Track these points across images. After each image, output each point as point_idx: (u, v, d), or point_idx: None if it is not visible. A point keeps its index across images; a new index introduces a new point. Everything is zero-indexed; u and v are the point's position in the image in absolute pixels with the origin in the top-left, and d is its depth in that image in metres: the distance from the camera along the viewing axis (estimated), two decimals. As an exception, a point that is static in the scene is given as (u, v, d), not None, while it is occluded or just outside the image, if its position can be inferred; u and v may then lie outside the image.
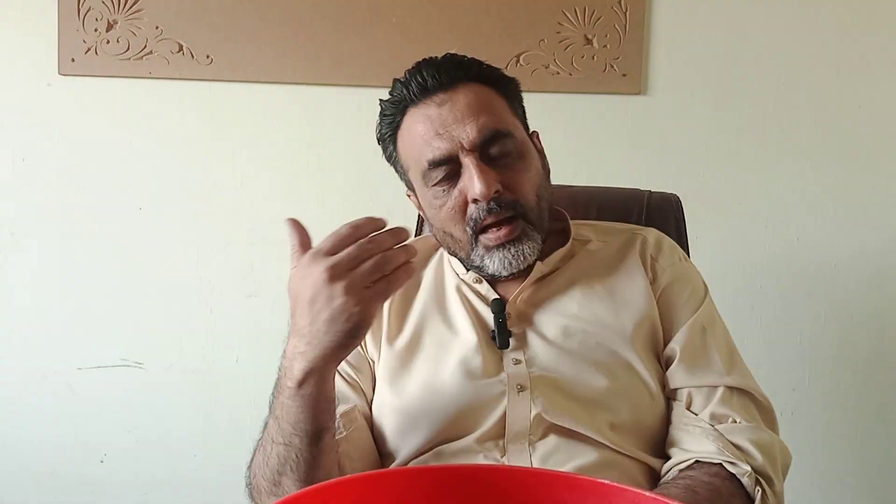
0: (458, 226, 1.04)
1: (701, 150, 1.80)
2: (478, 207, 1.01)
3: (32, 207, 1.84)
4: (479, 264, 1.05)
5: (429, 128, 1.02)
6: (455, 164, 1.02)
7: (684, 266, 1.11)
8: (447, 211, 1.04)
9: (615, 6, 1.77)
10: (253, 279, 1.83)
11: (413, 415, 1.00)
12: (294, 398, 0.87)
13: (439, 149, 1.01)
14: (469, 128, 1.00)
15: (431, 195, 1.05)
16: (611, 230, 1.16)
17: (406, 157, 1.08)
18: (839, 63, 1.78)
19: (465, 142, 1.00)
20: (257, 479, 0.93)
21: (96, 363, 1.86)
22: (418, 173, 1.05)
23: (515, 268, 1.03)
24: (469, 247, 1.04)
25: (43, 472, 1.87)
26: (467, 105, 1.02)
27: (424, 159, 1.02)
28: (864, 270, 1.81)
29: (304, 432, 0.87)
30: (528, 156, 1.06)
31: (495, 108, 1.04)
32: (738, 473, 0.92)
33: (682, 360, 1.01)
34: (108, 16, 1.78)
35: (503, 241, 1.02)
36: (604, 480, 0.62)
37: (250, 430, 0.99)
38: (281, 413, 0.89)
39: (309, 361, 0.85)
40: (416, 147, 1.04)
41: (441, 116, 1.02)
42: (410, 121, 1.05)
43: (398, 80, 1.07)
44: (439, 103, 1.02)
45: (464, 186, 1.01)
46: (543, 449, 0.96)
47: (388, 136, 1.09)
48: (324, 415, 0.88)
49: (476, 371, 1.00)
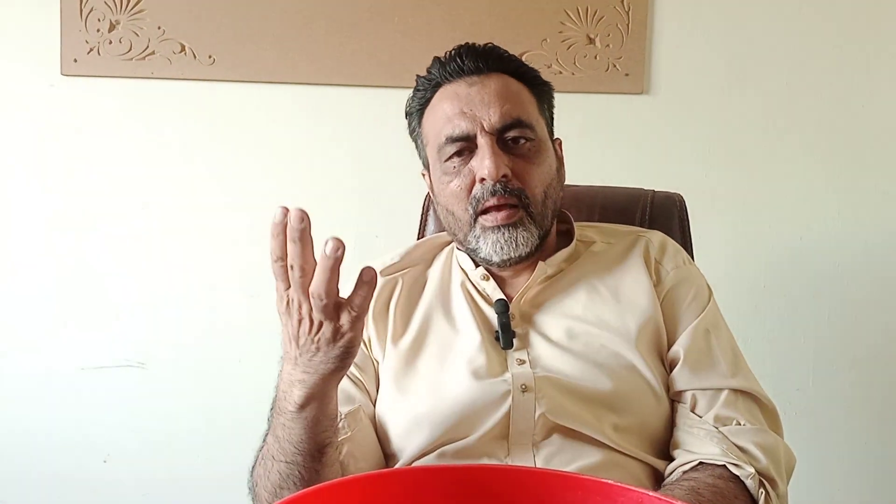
0: (460, 204, 1.05)
1: (704, 150, 1.80)
2: (483, 187, 1.02)
3: (35, 207, 1.84)
4: (473, 246, 1.06)
5: (455, 105, 1.04)
6: (471, 144, 1.03)
7: (688, 269, 1.11)
8: (454, 188, 1.05)
9: (618, 6, 1.77)
10: (255, 278, 1.83)
11: (417, 415, 1.00)
12: (296, 420, 0.85)
13: (459, 126, 1.03)
14: (493, 111, 1.03)
15: (442, 170, 1.06)
16: (615, 232, 1.16)
17: (428, 131, 1.10)
18: (842, 61, 1.78)
19: (486, 123, 1.02)
20: (259, 489, 0.93)
21: (98, 363, 1.86)
22: (435, 147, 1.07)
23: (507, 254, 1.03)
24: (468, 227, 1.05)
25: (45, 472, 1.87)
26: (496, 90, 1.04)
27: (444, 134, 1.04)
28: (868, 270, 1.81)
29: (307, 451, 0.87)
30: (545, 152, 1.07)
31: (523, 101, 1.06)
32: (742, 475, 0.92)
33: (687, 363, 1.01)
34: (110, 16, 1.78)
35: (499, 223, 1.03)
36: (607, 480, 0.62)
37: (253, 429, 0.99)
38: (282, 433, 0.87)
39: (309, 387, 0.83)
40: (438, 122, 1.06)
41: (469, 96, 1.04)
42: (440, 97, 1.07)
43: (437, 58, 1.08)
44: (470, 84, 1.05)
45: (474, 166, 1.03)
46: (547, 449, 0.95)
47: (416, 111, 1.12)
48: (326, 432, 0.87)
49: (480, 371, 1.00)
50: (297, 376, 0.83)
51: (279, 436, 0.87)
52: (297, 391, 0.83)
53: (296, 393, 0.84)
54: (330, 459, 0.89)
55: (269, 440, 0.90)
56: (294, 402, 0.84)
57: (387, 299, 1.10)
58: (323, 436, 0.87)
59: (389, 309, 1.09)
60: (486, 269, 1.09)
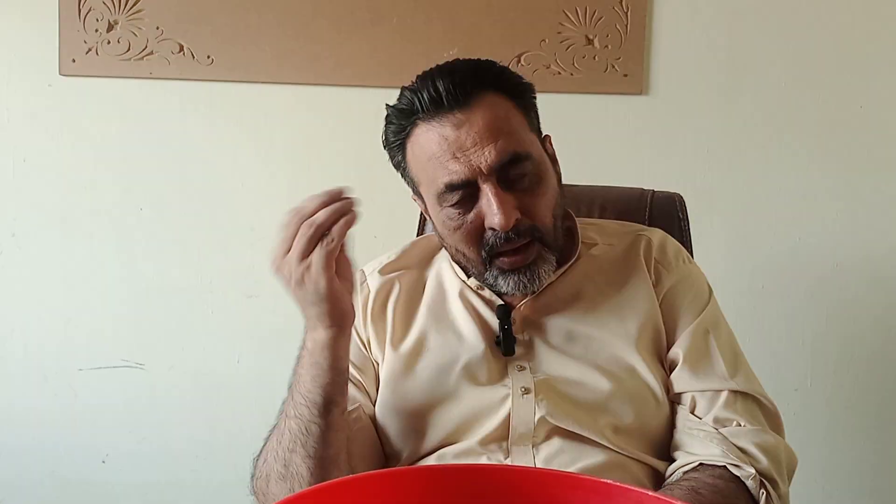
0: (472, 248, 1.01)
1: (703, 151, 1.80)
2: (495, 235, 0.98)
3: (33, 208, 1.84)
4: (492, 283, 1.03)
5: (445, 149, 0.97)
6: (472, 188, 0.98)
7: (688, 268, 1.10)
8: (462, 233, 1.00)
9: (616, 6, 1.77)
10: (253, 279, 1.83)
11: (416, 419, 1.00)
12: (306, 367, 0.92)
13: (456, 172, 0.97)
14: (487, 151, 0.96)
15: (445, 215, 1.01)
16: (616, 231, 1.15)
17: (417, 171, 1.03)
18: (841, 62, 1.78)
19: (484, 166, 0.96)
20: (268, 465, 0.94)
21: (97, 364, 1.86)
22: (432, 193, 1.01)
23: (530, 290, 1.02)
24: (482, 267, 1.02)
25: (44, 473, 1.87)
26: (486, 126, 0.97)
27: (441, 181, 0.98)
28: (867, 270, 1.81)
29: (314, 403, 0.91)
30: (546, 176, 1.03)
31: (513, 127, 1.00)
32: (742, 476, 0.91)
33: (686, 364, 1.01)
34: (108, 16, 1.78)
35: (518, 266, 1.00)
36: (607, 480, 0.62)
37: (252, 430, 0.99)
38: (295, 386, 0.94)
39: (316, 333, 0.92)
40: (430, 166, 1.00)
41: (458, 139, 0.96)
42: (423, 136, 0.99)
43: (407, 89, 1.01)
44: (456, 125, 0.97)
45: (480, 211, 0.98)
46: (547, 451, 0.95)
47: (396, 145, 1.04)
48: (332, 386, 0.91)
49: (481, 378, 1.00)
50: (309, 324, 0.94)
51: (292, 389, 0.94)
52: (308, 336, 0.94)
53: (308, 338, 0.94)
54: (336, 422, 0.92)
55: (285, 401, 0.96)
56: (307, 346, 0.94)
57: (384, 301, 1.10)
58: (329, 389, 0.91)
59: (387, 311, 1.09)
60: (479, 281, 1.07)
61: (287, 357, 0.99)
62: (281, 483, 0.92)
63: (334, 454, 0.91)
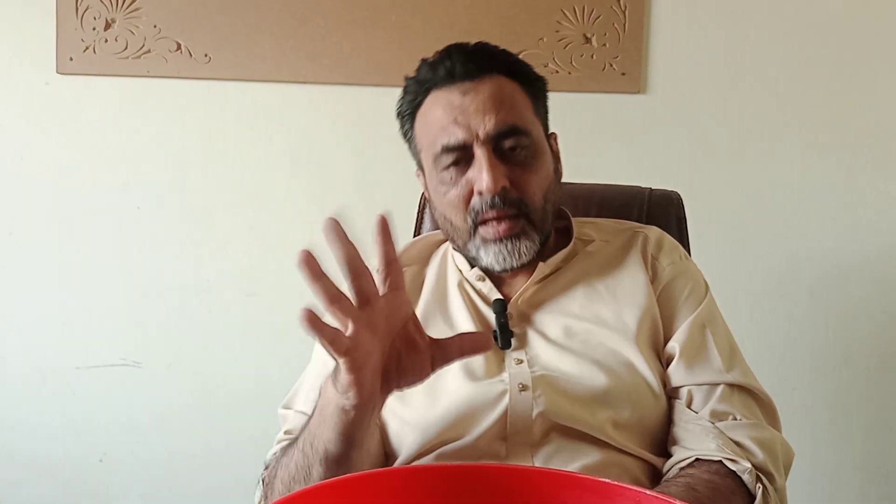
0: (459, 214, 1.04)
1: (701, 149, 1.80)
2: (482, 200, 1.01)
3: (31, 206, 1.83)
4: (473, 255, 1.05)
5: (448, 114, 1.02)
6: (467, 153, 1.02)
7: (685, 264, 1.11)
8: (452, 198, 1.04)
9: (614, 5, 1.77)
10: (251, 278, 1.83)
11: (414, 416, 1.00)
12: (316, 410, 0.86)
13: (454, 135, 1.01)
14: (487, 119, 1.01)
15: (439, 180, 1.05)
16: (613, 228, 1.16)
17: (421, 137, 1.08)
18: (840, 60, 1.78)
19: (481, 132, 1.00)
20: (276, 483, 0.92)
21: (95, 363, 1.86)
22: (430, 156, 1.06)
23: (509, 264, 1.03)
24: (467, 236, 1.05)
25: (42, 471, 1.87)
26: (490, 97, 1.02)
27: (439, 143, 1.03)
28: (866, 269, 1.81)
29: (316, 449, 0.85)
30: (542, 157, 1.06)
31: (517, 105, 1.04)
32: (739, 471, 0.91)
33: (682, 358, 1.01)
34: (106, 14, 1.77)
35: (501, 236, 1.02)
36: (605, 479, 0.62)
37: (249, 428, 0.99)
38: (309, 418, 0.88)
39: (329, 390, 0.82)
40: (432, 131, 1.04)
41: (463, 105, 1.02)
42: (432, 103, 1.05)
43: (425, 61, 1.07)
44: (463, 92, 1.02)
45: (472, 177, 1.02)
46: (546, 449, 0.95)
47: (408, 114, 1.10)
48: (334, 446, 0.83)
49: (478, 371, 1.00)
50: (339, 386, 0.79)
51: (307, 419, 0.89)
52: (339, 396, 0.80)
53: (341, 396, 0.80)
54: (337, 476, 0.84)
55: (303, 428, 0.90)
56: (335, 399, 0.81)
57: None
58: (330, 447, 0.83)
59: None
60: (481, 271, 1.09)
61: (285, 357, 0.99)
62: None
63: None
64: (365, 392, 0.77)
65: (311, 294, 0.72)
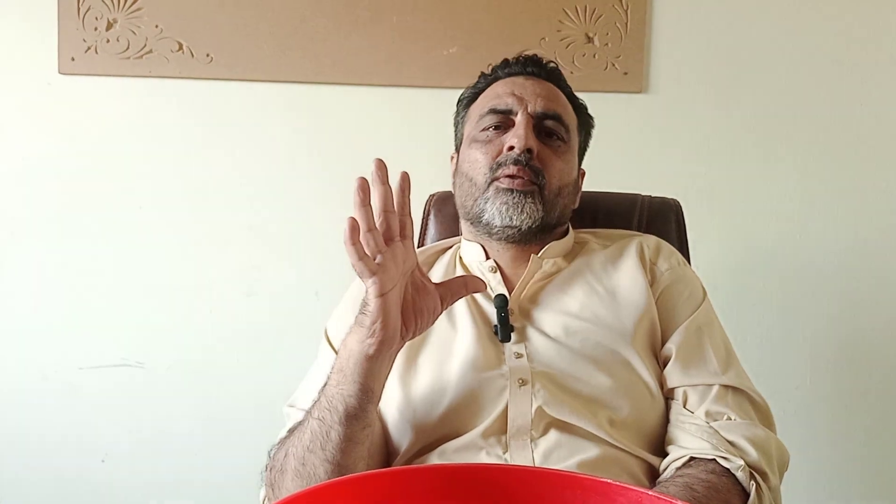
0: (482, 170, 1.11)
1: (702, 149, 1.80)
2: (507, 155, 1.09)
3: (32, 207, 1.84)
4: (480, 209, 1.10)
5: (508, 88, 1.14)
6: (509, 122, 1.12)
7: (683, 269, 1.13)
8: (480, 155, 1.11)
9: (616, 4, 1.76)
10: (253, 278, 1.83)
11: (417, 410, 1.01)
12: (334, 371, 0.91)
13: (505, 102, 1.13)
14: (539, 100, 1.13)
15: (474, 138, 1.14)
16: (611, 235, 1.20)
17: (473, 110, 1.18)
18: (840, 60, 1.78)
19: (530, 107, 1.12)
20: (287, 460, 0.94)
21: (97, 363, 1.86)
22: (476, 117, 1.15)
23: (509, 217, 1.08)
24: (481, 190, 1.11)
25: (44, 471, 1.87)
26: (548, 89, 1.15)
27: (489, 106, 1.14)
28: (866, 269, 1.81)
29: (335, 409, 0.89)
30: (570, 157, 1.15)
31: (567, 109, 1.17)
32: (732, 468, 0.92)
33: (678, 360, 1.03)
34: (107, 15, 1.78)
35: (513, 187, 1.08)
36: (606, 479, 0.62)
37: (251, 428, 0.99)
38: (324, 387, 0.92)
39: (350, 340, 0.90)
40: (487, 99, 1.16)
41: (523, 84, 1.15)
42: (495, 85, 1.17)
43: (506, 59, 1.19)
44: (527, 77, 1.16)
45: (505, 139, 1.10)
46: (545, 445, 0.96)
47: (468, 99, 1.21)
48: (355, 399, 0.88)
49: (478, 362, 1.02)
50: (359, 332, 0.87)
51: (321, 391, 0.92)
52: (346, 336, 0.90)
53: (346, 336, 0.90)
54: (356, 434, 0.90)
55: (313, 404, 0.93)
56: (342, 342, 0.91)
57: None
58: (350, 401, 0.88)
59: None
60: (495, 262, 1.13)
61: (286, 356, 0.99)
62: (296, 480, 0.92)
63: (352, 464, 0.91)
64: (390, 323, 0.85)
65: (310, 294, 0.73)
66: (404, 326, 0.89)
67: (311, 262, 1.80)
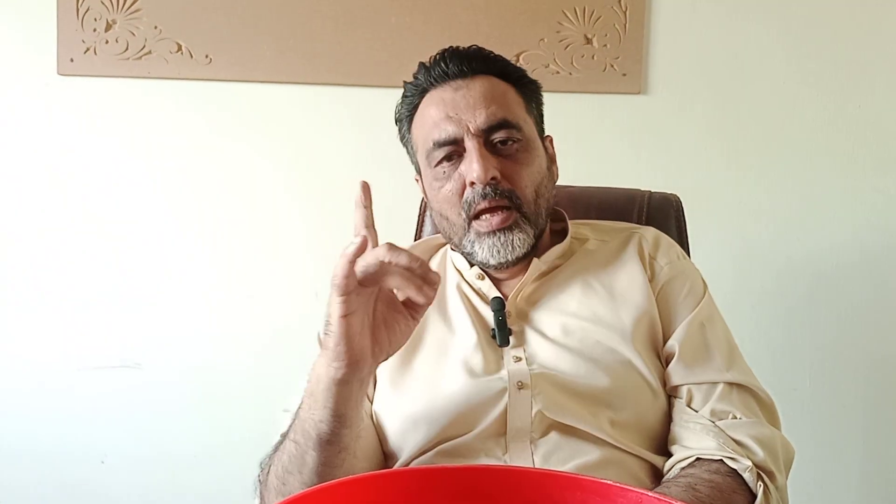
0: (454, 209, 1.05)
1: (701, 150, 1.80)
2: (473, 191, 1.03)
3: (31, 207, 1.83)
4: (469, 251, 1.06)
5: (441, 110, 1.05)
6: (459, 148, 1.04)
7: (683, 263, 1.11)
8: (446, 193, 1.05)
9: (615, 6, 1.77)
10: (252, 279, 1.83)
11: (414, 414, 1.00)
12: (306, 394, 0.87)
13: (446, 130, 1.04)
14: (478, 113, 1.03)
15: (433, 176, 1.07)
16: (609, 229, 1.17)
17: (416, 137, 1.10)
18: (839, 62, 1.78)
19: (472, 126, 1.03)
20: (271, 476, 0.93)
21: (96, 364, 1.85)
22: (424, 153, 1.08)
23: (503, 257, 1.04)
24: (462, 231, 1.06)
25: (43, 473, 1.87)
26: (481, 93, 1.04)
27: (431, 139, 1.05)
28: (866, 270, 1.81)
29: (306, 433, 0.86)
30: (534, 152, 1.07)
31: (509, 102, 1.07)
32: (739, 469, 0.91)
33: (682, 357, 1.02)
34: (106, 16, 1.77)
35: (494, 228, 1.03)
36: (606, 480, 0.62)
37: (250, 430, 0.99)
38: (300, 405, 0.88)
39: (317, 364, 0.85)
40: (426, 127, 1.07)
41: (454, 101, 1.04)
42: (426, 103, 1.08)
43: (422, 64, 1.09)
44: (455, 88, 1.05)
45: (464, 170, 1.03)
46: (545, 447, 0.95)
47: (405, 118, 1.12)
48: (326, 426, 0.84)
49: (477, 368, 1.01)
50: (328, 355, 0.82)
51: (297, 409, 0.89)
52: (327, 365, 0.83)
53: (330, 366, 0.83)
54: (331, 459, 0.86)
55: (293, 420, 0.90)
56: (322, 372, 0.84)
57: None
58: (321, 427, 0.84)
59: None
60: (481, 269, 1.10)
61: (285, 357, 0.99)
62: (280, 497, 0.91)
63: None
64: (355, 345, 0.80)
65: (309, 295, 0.73)
66: (377, 346, 0.83)
67: (311, 262, 1.80)
